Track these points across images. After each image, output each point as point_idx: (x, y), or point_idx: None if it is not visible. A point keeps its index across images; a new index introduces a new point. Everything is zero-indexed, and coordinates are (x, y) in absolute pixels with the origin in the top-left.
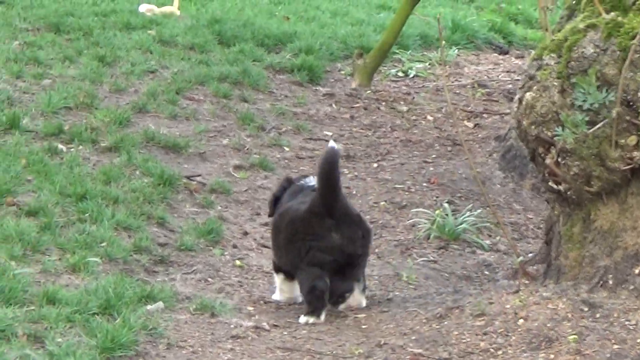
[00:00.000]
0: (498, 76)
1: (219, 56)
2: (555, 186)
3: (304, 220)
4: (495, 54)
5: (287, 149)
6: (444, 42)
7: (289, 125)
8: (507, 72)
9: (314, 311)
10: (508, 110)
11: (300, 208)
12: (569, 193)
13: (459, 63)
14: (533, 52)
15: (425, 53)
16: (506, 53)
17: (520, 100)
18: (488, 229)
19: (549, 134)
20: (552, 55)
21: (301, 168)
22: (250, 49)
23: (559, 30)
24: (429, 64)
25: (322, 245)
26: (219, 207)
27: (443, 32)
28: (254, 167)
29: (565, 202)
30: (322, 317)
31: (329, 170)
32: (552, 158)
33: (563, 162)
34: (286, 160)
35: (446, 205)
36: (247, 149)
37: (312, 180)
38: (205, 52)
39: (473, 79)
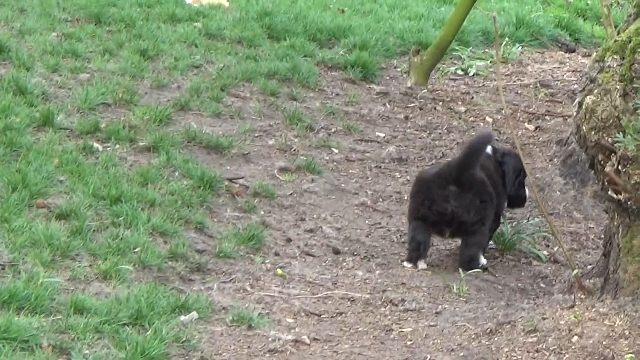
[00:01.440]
0: (563, 76)
1: (268, 51)
2: (614, 195)
3: (428, 182)
4: (562, 52)
5: (336, 150)
6: (507, 38)
7: (339, 125)
8: (573, 71)
9: (410, 259)
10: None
11: (432, 170)
12: (629, 203)
13: (522, 61)
14: (595, 53)
15: (487, 50)
16: (573, 51)
17: (580, 104)
18: (546, 238)
19: (610, 140)
20: (615, 57)
21: (350, 172)
22: (301, 43)
23: (624, 30)
24: (491, 62)
25: (436, 209)
26: (262, 212)
27: (506, 28)
28: (300, 169)
29: (625, 213)
30: (421, 265)
31: (478, 147)
32: (612, 166)
33: (624, 170)
34: (335, 163)
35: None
36: (294, 150)
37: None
38: (254, 46)
39: (536, 78)
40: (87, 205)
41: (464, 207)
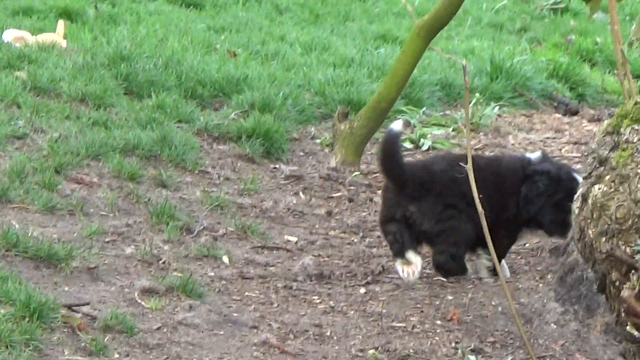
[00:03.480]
0: (560, 150)
1: (125, 114)
2: (635, 333)
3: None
4: (558, 115)
5: (225, 263)
6: (477, 94)
7: (229, 225)
8: (575, 144)
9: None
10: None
11: None
12: None
13: (500, 128)
14: (606, 120)
15: (447, 112)
16: (575, 113)
17: (584, 197)
18: None
19: (628, 250)
20: (636, 127)
21: (247, 295)
22: (174, 102)
23: None
24: (454, 130)
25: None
26: (116, 355)
27: (476, 78)
28: (172, 291)
29: None
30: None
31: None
32: (633, 289)
33: None
34: (224, 282)
35: (472, 357)
36: (163, 262)
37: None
38: (104, 107)
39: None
40: None
41: (424, 214)
